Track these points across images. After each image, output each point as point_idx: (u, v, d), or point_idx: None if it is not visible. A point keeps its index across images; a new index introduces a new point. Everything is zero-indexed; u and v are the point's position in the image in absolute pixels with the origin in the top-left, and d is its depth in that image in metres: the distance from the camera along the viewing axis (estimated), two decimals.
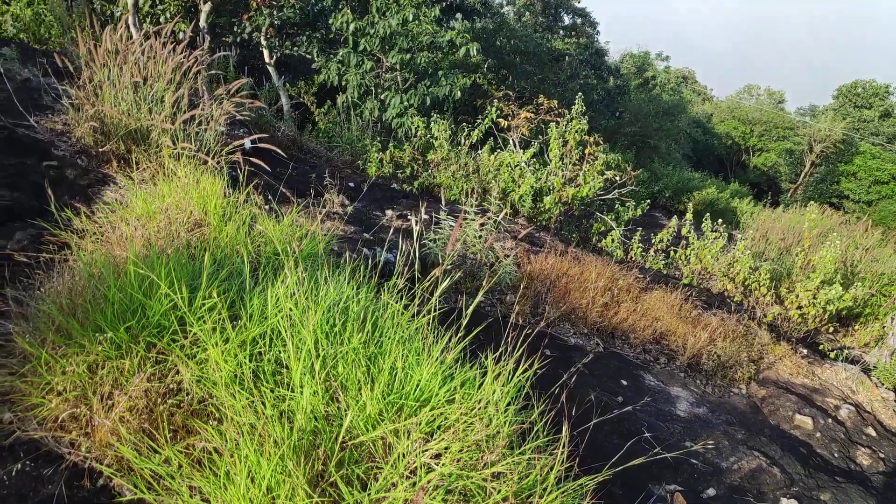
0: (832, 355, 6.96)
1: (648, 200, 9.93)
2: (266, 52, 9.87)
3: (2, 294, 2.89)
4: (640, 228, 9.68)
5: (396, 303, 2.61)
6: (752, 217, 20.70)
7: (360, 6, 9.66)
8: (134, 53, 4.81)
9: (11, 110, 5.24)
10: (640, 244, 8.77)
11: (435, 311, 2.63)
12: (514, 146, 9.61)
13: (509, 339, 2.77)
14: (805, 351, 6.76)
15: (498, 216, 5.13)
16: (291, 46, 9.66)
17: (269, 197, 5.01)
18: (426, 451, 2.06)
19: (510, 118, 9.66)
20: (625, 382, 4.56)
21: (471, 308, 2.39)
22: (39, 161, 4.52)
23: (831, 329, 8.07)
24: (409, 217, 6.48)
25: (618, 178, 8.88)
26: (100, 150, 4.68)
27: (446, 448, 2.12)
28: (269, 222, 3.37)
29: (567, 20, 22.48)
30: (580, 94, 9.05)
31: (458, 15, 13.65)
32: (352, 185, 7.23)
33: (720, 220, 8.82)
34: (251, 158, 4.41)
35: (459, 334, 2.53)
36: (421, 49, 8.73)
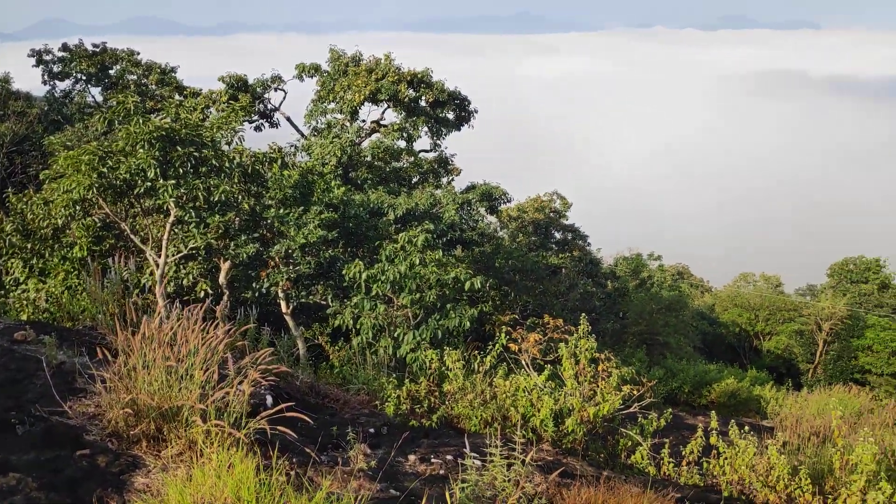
0: None
1: (671, 409, 9.84)
2: (283, 304, 10.49)
3: None
4: (667, 438, 9.42)
5: None
6: (777, 403, 20.15)
7: (369, 253, 10.48)
8: (167, 335, 5.19)
9: (48, 397, 5.49)
10: (672, 458, 8.49)
11: None
12: (528, 368, 9.78)
13: None
14: None
15: (526, 456, 5.11)
16: (307, 296, 10.30)
17: (295, 461, 5.04)
18: None
19: (520, 341, 9.95)
20: None
21: None
22: (73, 450, 4.65)
23: None
24: (432, 460, 6.42)
25: (635, 391, 8.90)
26: (130, 432, 4.83)
27: None
28: (300, 501, 3.41)
29: (558, 236, 24.12)
30: (583, 314, 9.45)
31: (458, 246, 14.74)
32: (371, 430, 7.26)
33: (746, 426, 8.63)
34: (277, 427, 4.54)
35: None
36: (429, 287, 9.32)
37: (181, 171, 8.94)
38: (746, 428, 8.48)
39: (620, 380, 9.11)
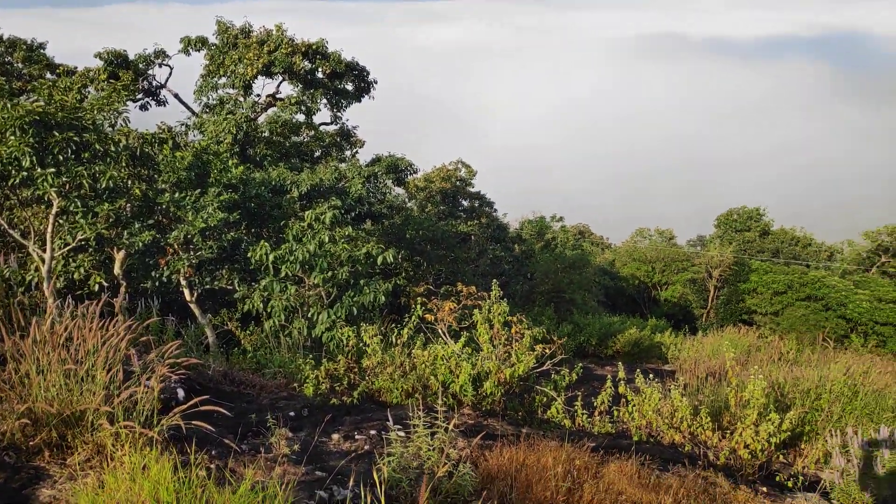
0: (790, 484, 7.12)
1: (580, 363, 10.30)
2: (187, 291, 10.02)
3: None
4: (579, 391, 9.88)
5: None
6: (676, 348, 21.59)
7: (274, 233, 10.17)
8: (61, 336, 4.84)
9: None
10: (585, 410, 8.93)
11: None
12: (445, 337, 9.91)
13: None
14: (765, 488, 6.87)
15: (449, 422, 5.21)
16: (212, 281, 9.89)
17: (214, 453, 4.89)
18: None
19: (435, 311, 10.05)
20: None
21: None
22: None
23: (781, 457, 8.30)
24: (357, 437, 6.41)
25: (547, 349, 9.24)
26: (30, 443, 4.50)
27: None
28: (223, 496, 3.32)
29: (466, 204, 24.38)
30: (495, 280, 9.65)
31: (368, 220, 14.57)
32: (292, 413, 7.14)
33: (650, 373, 9.19)
34: (192, 421, 4.38)
35: None
36: (341, 265, 9.18)
37: (61, 157, 8.25)
38: (651, 375, 9.03)
39: (533, 340, 9.43)
